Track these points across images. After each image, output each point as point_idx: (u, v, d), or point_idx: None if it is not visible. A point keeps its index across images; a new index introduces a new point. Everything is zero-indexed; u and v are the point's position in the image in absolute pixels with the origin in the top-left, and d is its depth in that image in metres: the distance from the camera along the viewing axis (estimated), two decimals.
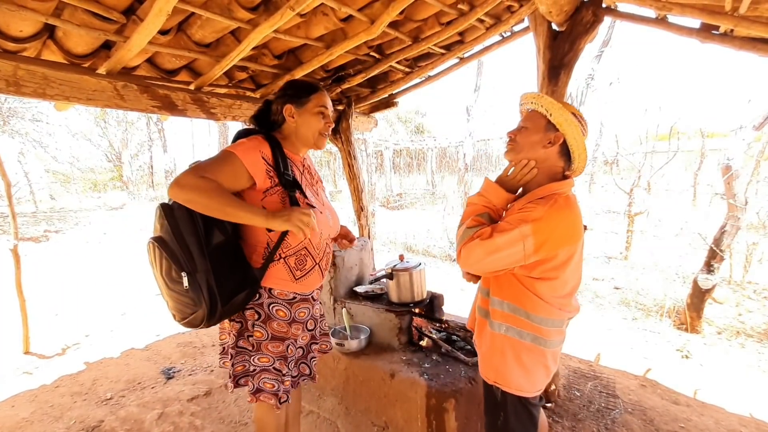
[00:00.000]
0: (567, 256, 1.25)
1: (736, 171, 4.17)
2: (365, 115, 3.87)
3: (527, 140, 1.26)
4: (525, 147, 1.26)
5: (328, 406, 2.43)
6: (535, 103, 1.26)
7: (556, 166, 1.28)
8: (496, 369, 1.36)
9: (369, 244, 2.98)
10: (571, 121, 1.20)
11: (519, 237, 1.19)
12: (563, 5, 2.09)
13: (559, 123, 1.21)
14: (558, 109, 1.20)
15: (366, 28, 2.26)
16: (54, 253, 7.58)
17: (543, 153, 1.25)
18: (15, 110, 12.26)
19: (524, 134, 1.27)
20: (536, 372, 1.34)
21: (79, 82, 1.96)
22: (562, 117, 1.20)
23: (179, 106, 2.39)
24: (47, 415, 2.55)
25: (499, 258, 1.23)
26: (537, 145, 1.25)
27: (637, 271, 6.16)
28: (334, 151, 18.31)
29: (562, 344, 1.41)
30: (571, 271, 1.29)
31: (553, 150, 1.25)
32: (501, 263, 1.25)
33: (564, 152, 1.25)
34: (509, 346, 1.33)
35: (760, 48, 1.90)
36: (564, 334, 1.39)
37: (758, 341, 3.92)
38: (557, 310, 1.29)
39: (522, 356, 1.31)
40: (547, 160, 1.26)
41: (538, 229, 1.18)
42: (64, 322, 4.25)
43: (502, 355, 1.35)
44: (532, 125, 1.26)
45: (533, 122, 1.26)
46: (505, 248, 1.20)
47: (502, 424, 1.38)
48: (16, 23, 1.70)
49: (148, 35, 1.79)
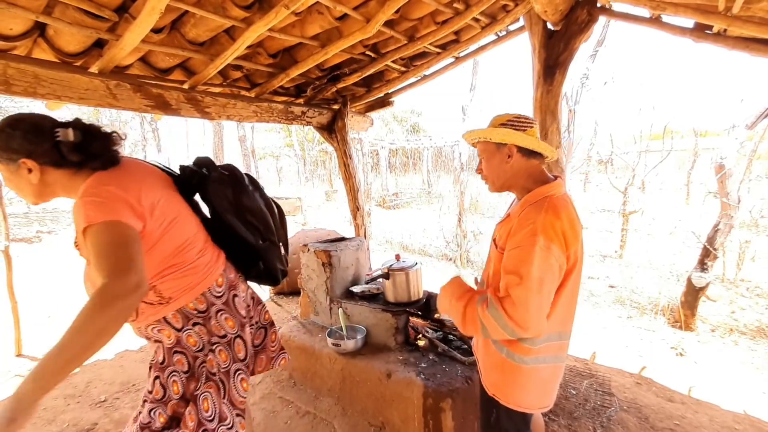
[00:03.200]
0: (575, 255, 1.22)
1: (729, 169, 4.21)
2: (361, 115, 3.87)
3: (491, 167, 1.33)
4: (494, 173, 1.34)
5: (325, 406, 2.42)
6: (475, 138, 1.34)
7: (530, 167, 1.31)
8: (494, 383, 1.35)
9: (365, 244, 2.98)
10: (509, 132, 1.26)
11: (545, 253, 1.14)
12: (558, 4, 2.10)
13: (502, 139, 1.27)
14: (492, 131, 1.29)
15: (361, 27, 2.26)
16: (46, 254, 7.50)
17: (510, 167, 1.30)
18: (6, 109, 12.11)
19: (486, 164, 1.34)
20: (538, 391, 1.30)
21: (71, 81, 1.94)
22: (501, 134, 1.27)
23: (173, 105, 2.37)
24: (40, 418, 2.51)
25: (547, 290, 1.16)
26: (501, 165, 1.31)
27: (631, 269, 6.20)
28: (330, 151, 18.29)
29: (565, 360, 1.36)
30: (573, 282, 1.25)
31: (516, 159, 1.29)
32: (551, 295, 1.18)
33: (526, 153, 1.29)
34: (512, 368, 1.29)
35: (752, 47, 1.92)
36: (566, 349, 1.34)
37: (751, 338, 3.96)
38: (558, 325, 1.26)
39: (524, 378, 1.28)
40: (519, 169, 1.30)
41: (549, 234, 1.15)
42: (56, 324, 4.20)
43: (499, 370, 1.33)
44: (486, 154, 1.34)
45: (485, 152, 1.34)
46: (544, 275, 1.14)
47: (495, 422, 1.37)
48: (6, 21, 1.67)
49: (141, 33, 1.77)
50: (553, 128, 2.41)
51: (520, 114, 1.31)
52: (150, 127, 17.31)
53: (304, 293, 2.90)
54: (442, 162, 17.79)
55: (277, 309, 4.42)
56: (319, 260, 2.64)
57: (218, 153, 13.95)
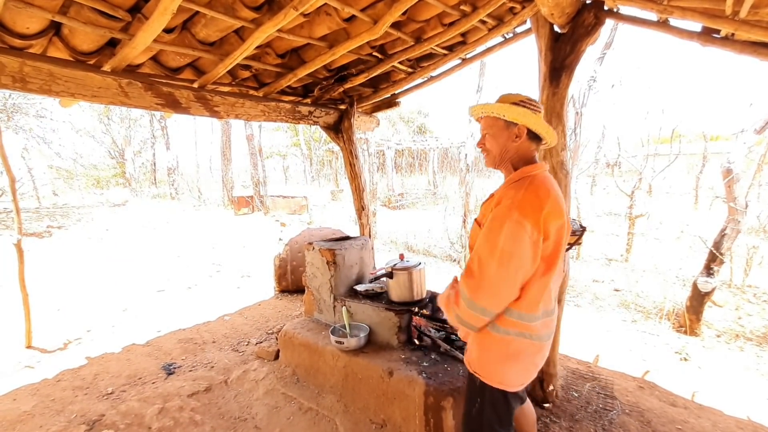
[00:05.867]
0: (557, 234, 1.24)
1: (737, 174, 4.17)
2: (367, 115, 3.89)
3: (496, 143, 1.35)
4: (497, 149, 1.36)
5: (327, 403, 2.45)
6: (486, 111, 1.35)
7: (529, 150, 1.36)
8: (477, 359, 1.36)
9: (369, 243, 3.00)
10: (523, 112, 1.28)
11: (516, 227, 1.17)
12: (565, 7, 2.10)
13: (515, 118, 1.29)
14: (508, 108, 1.29)
15: (369, 29, 2.28)
16: (56, 248, 7.61)
17: (514, 146, 1.33)
18: (19, 106, 12.31)
19: (491, 140, 1.36)
20: (517, 367, 1.31)
21: (85, 79, 1.98)
22: (515, 113, 1.29)
23: (183, 103, 2.41)
24: (48, 408, 2.57)
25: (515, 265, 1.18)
26: (507, 143, 1.33)
27: (637, 273, 6.16)
28: (336, 150, 18.34)
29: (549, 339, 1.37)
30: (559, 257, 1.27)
31: (522, 140, 1.33)
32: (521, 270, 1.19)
33: (531, 136, 1.34)
34: (491, 339, 1.31)
35: (761, 52, 1.91)
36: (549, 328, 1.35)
37: (757, 345, 3.92)
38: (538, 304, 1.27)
39: (503, 350, 1.29)
40: (520, 149, 1.34)
41: (525, 211, 1.18)
42: (66, 317, 4.27)
43: (483, 347, 1.34)
44: (493, 130, 1.35)
45: (493, 127, 1.35)
46: (511, 247, 1.17)
47: (476, 413, 1.37)
48: (22, 20, 1.72)
49: (153, 33, 1.81)
50: (558, 130, 2.41)
51: (530, 96, 1.35)
52: (159, 125, 17.48)
53: (308, 291, 2.93)
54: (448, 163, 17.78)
55: (281, 306, 4.46)
56: (323, 258, 2.67)
57: (226, 151, 14.04)
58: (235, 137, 16.37)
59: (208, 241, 8.46)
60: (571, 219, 2.31)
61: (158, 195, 16.35)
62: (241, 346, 3.43)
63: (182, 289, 5.30)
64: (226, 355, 3.25)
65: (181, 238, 8.69)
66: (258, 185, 12.89)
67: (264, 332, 3.70)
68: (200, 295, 5.00)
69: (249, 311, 4.35)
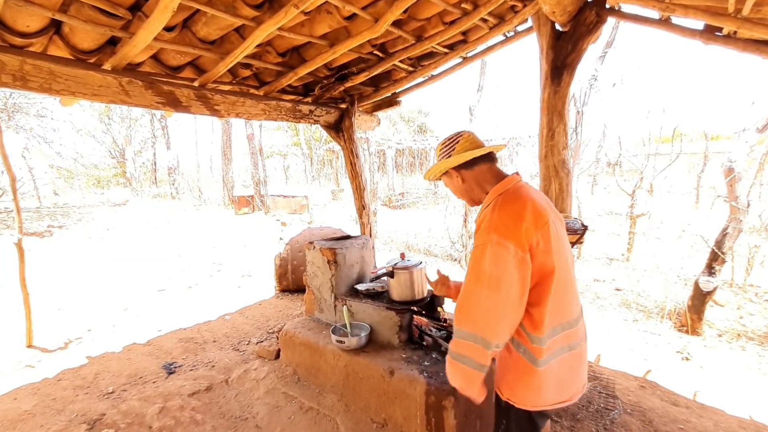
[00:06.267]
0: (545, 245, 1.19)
1: (739, 173, 4.16)
2: (368, 114, 3.89)
3: (457, 191, 1.48)
4: (462, 195, 1.48)
5: (328, 402, 2.45)
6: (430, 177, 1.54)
7: (484, 173, 1.39)
8: (500, 378, 1.35)
9: (370, 243, 2.99)
10: (441, 163, 1.42)
11: (498, 248, 1.15)
12: (567, 5, 2.10)
13: (443, 170, 1.44)
14: (435, 168, 1.46)
15: (370, 27, 2.27)
16: (57, 248, 7.62)
17: (463, 185, 1.44)
18: (19, 106, 12.32)
19: (453, 191, 1.52)
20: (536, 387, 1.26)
21: (85, 77, 1.98)
22: (441, 167, 1.43)
23: (183, 102, 2.41)
24: (49, 407, 2.57)
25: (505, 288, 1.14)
26: (459, 187, 1.46)
27: (638, 272, 6.15)
28: (337, 150, 18.33)
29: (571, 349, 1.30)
30: None
31: (464, 175, 1.42)
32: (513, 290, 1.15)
33: (467, 166, 1.40)
34: (511, 357, 1.29)
35: (763, 50, 1.90)
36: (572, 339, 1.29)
37: (759, 344, 3.91)
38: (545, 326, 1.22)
39: (520, 368, 1.26)
40: (476, 180, 1.41)
41: (502, 231, 1.16)
42: (66, 317, 4.27)
43: (504, 365, 1.32)
44: (448, 185, 1.52)
45: (446, 183, 1.52)
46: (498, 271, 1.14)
47: (504, 430, 1.37)
48: (23, 18, 1.72)
49: (153, 32, 1.80)
50: (560, 129, 2.41)
51: (444, 138, 1.46)
52: (159, 124, 17.49)
53: (309, 290, 2.93)
54: None
55: (282, 305, 4.46)
56: (324, 258, 2.66)
57: (226, 151, 14.04)
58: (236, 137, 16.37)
59: (208, 240, 8.46)
60: (573, 218, 2.31)
61: (159, 194, 16.37)
62: (242, 346, 3.43)
63: (183, 288, 5.30)
64: (226, 355, 3.25)
65: (181, 238, 8.70)
66: (258, 185, 12.90)
67: (265, 331, 3.70)
68: (201, 295, 5.00)
69: (250, 310, 4.35)
